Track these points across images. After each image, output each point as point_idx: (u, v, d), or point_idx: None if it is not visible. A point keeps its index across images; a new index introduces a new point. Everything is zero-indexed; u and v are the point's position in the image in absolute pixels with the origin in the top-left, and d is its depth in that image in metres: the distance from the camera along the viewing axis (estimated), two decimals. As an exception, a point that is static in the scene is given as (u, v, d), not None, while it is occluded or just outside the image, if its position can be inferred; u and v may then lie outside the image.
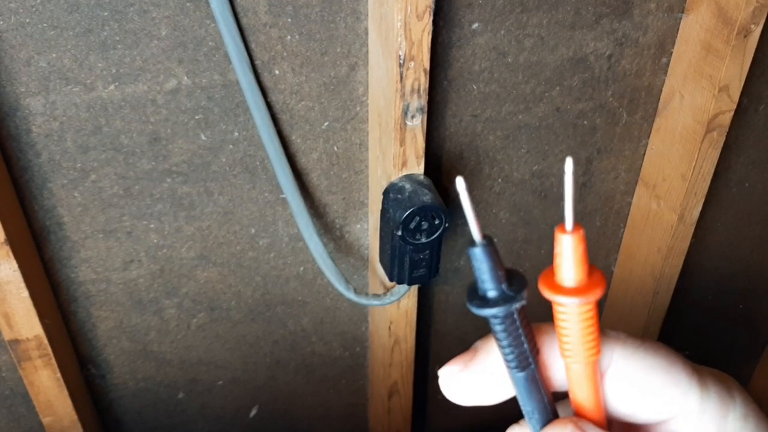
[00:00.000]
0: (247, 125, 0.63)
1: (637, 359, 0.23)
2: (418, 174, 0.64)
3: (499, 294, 0.21)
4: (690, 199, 0.76)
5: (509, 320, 0.21)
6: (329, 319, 0.81)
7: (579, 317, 0.21)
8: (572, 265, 0.20)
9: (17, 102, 0.57)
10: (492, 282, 0.20)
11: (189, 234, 0.69)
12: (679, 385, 0.23)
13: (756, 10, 0.63)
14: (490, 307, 0.20)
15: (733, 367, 1.14)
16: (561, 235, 0.20)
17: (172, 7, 0.56)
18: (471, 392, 0.23)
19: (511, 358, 0.22)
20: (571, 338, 0.22)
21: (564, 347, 0.22)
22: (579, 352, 0.22)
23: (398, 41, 0.55)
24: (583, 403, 0.23)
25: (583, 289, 0.21)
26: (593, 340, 0.22)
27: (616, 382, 0.23)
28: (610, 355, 0.23)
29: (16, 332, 0.63)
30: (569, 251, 0.20)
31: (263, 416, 0.88)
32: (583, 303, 0.21)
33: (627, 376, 0.23)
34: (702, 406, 0.23)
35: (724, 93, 0.68)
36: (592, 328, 0.21)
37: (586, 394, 0.22)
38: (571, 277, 0.21)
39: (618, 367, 0.23)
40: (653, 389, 0.23)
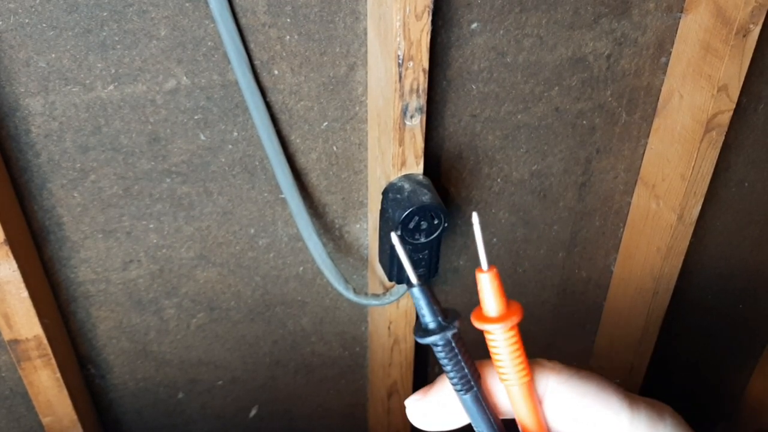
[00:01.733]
0: (247, 125, 0.63)
1: (571, 385, 0.26)
2: (417, 174, 0.64)
3: (437, 325, 0.25)
4: (689, 199, 0.76)
5: (448, 347, 0.25)
6: (329, 319, 0.81)
7: (505, 342, 0.25)
8: (492, 297, 0.25)
9: (16, 102, 0.57)
10: (430, 315, 0.25)
11: (188, 234, 0.69)
12: (610, 408, 0.26)
13: (755, 10, 0.63)
14: (430, 336, 0.25)
15: (732, 367, 1.14)
16: (479, 274, 0.25)
17: (171, 8, 0.56)
18: (430, 418, 0.27)
19: (456, 381, 0.26)
20: (503, 362, 0.26)
21: (499, 371, 0.26)
22: (512, 374, 0.26)
23: (397, 41, 0.55)
24: (526, 424, 0.26)
25: (504, 316, 0.25)
26: (522, 363, 0.26)
27: (553, 406, 0.26)
28: (546, 383, 0.26)
29: (15, 332, 0.63)
30: (487, 287, 0.25)
31: (263, 416, 0.88)
32: (505, 328, 0.25)
33: (562, 400, 0.26)
34: (632, 426, 0.25)
35: (723, 93, 0.68)
36: (518, 351, 0.26)
37: (527, 415, 0.26)
38: (492, 308, 0.25)
39: (554, 392, 0.26)
40: (586, 412, 0.26)
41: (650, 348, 0.94)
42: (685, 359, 1.09)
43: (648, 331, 0.91)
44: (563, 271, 0.88)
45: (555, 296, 0.90)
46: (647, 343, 0.93)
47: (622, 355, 0.95)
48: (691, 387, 1.15)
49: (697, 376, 1.13)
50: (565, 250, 0.86)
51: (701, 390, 1.16)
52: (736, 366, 1.14)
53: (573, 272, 0.89)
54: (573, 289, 0.91)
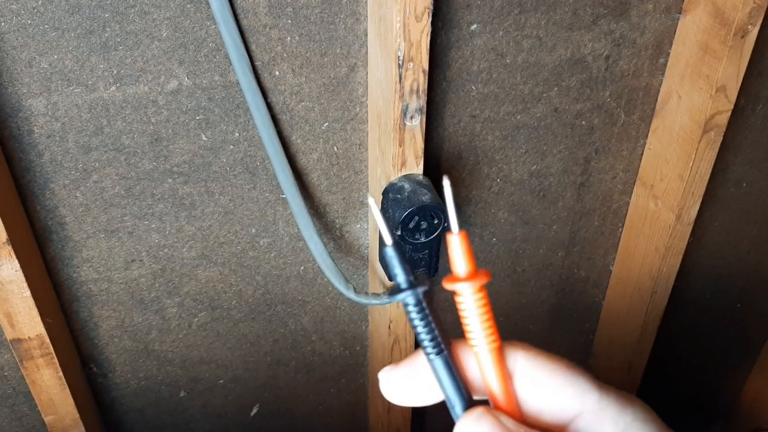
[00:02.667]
0: (248, 126, 0.64)
1: (540, 362, 0.26)
2: (417, 174, 0.64)
3: (408, 283, 0.26)
4: (687, 199, 0.77)
5: (419, 306, 0.26)
6: (329, 318, 0.81)
7: (474, 304, 0.26)
8: (461, 258, 0.26)
9: (19, 103, 0.57)
10: (402, 274, 0.26)
11: (190, 234, 0.69)
12: (578, 386, 0.26)
13: (753, 11, 0.64)
14: (402, 293, 0.26)
15: (730, 366, 1.15)
16: (449, 236, 0.26)
17: (173, 9, 0.56)
18: (403, 390, 0.27)
19: (426, 342, 0.26)
20: (472, 325, 0.26)
21: (468, 336, 0.26)
22: (481, 338, 0.26)
23: (397, 42, 0.56)
24: (495, 393, 0.26)
25: (472, 276, 0.26)
26: (491, 327, 0.26)
27: (522, 382, 0.26)
28: (515, 359, 0.26)
29: (18, 332, 0.63)
30: (457, 248, 0.26)
31: (264, 415, 0.88)
32: (474, 288, 0.26)
33: (532, 377, 0.26)
34: (600, 405, 0.26)
35: (722, 93, 0.69)
36: (487, 315, 0.26)
37: (497, 385, 0.26)
38: (462, 268, 0.26)
39: (523, 368, 0.26)
40: (555, 389, 0.26)
41: (648, 347, 0.95)
42: (683, 358, 1.10)
43: (646, 330, 0.92)
44: (562, 270, 0.88)
45: (554, 295, 0.91)
46: (645, 343, 0.94)
47: (621, 354, 0.96)
48: (689, 386, 1.15)
49: (694, 375, 1.14)
50: (564, 250, 0.86)
51: (699, 389, 1.16)
52: (733, 365, 1.14)
53: (572, 272, 0.89)
54: (572, 289, 0.91)
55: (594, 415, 0.26)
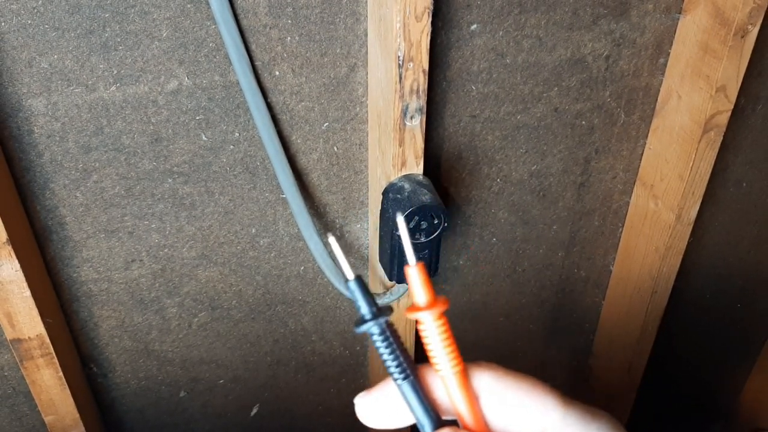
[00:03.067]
0: (248, 126, 0.64)
1: (505, 381, 0.27)
2: (418, 174, 0.64)
3: (371, 314, 0.27)
4: (687, 199, 0.77)
5: (383, 335, 0.27)
6: (329, 318, 0.81)
7: (436, 330, 0.27)
8: (420, 289, 0.27)
9: (19, 103, 0.57)
10: (366, 306, 0.27)
11: (190, 234, 0.69)
12: (542, 403, 0.27)
13: (753, 11, 0.64)
14: (366, 324, 0.27)
15: (730, 366, 1.15)
16: (407, 269, 0.27)
17: (173, 9, 0.56)
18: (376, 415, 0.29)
19: (393, 368, 0.27)
20: (435, 351, 0.27)
21: (432, 361, 0.28)
22: (444, 362, 0.27)
23: (397, 42, 0.56)
24: (463, 415, 0.27)
25: (431, 305, 0.27)
26: (453, 351, 0.27)
27: (489, 401, 0.27)
28: (480, 379, 0.27)
29: (18, 332, 0.63)
30: (416, 280, 0.27)
31: (264, 415, 0.88)
32: (434, 315, 0.27)
33: (497, 395, 0.27)
34: (565, 420, 0.27)
35: (722, 93, 0.69)
36: (448, 340, 0.27)
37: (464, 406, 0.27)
38: (421, 298, 0.27)
39: (489, 388, 0.27)
40: (520, 407, 0.27)
41: (648, 347, 0.95)
42: (683, 358, 1.10)
43: (646, 330, 0.92)
44: (562, 270, 0.88)
45: (554, 295, 0.91)
46: (645, 343, 0.94)
47: (621, 354, 0.96)
48: (689, 386, 1.15)
49: (694, 375, 1.14)
50: (564, 250, 0.86)
51: (699, 389, 1.17)
52: (733, 365, 1.14)
53: (572, 272, 0.89)
54: (572, 289, 0.91)
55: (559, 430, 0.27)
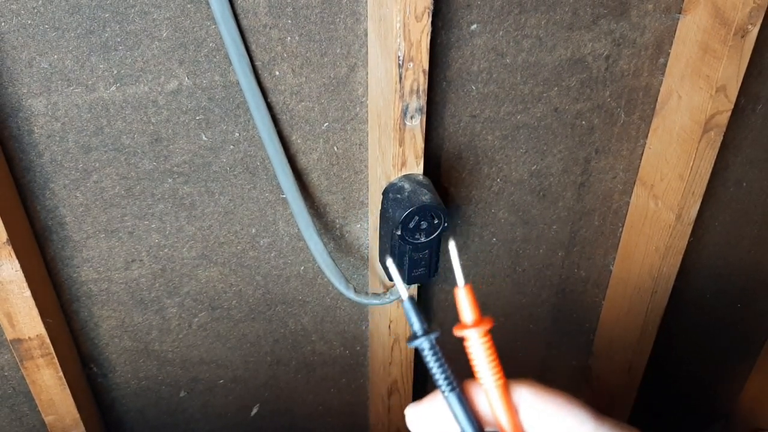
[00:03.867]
0: (248, 126, 0.64)
1: (542, 396, 0.30)
2: (418, 174, 0.64)
3: (423, 331, 0.30)
4: (687, 199, 0.77)
5: (433, 350, 0.30)
6: (329, 318, 0.81)
7: (481, 347, 0.30)
8: (468, 308, 0.30)
9: (19, 103, 0.57)
10: (418, 324, 0.30)
11: (190, 234, 0.69)
12: (576, 416, 0.29)
13: (753, 11, 0.64)
14: (418, 339, 0.30)
15: (730, 365, 1.15)
16: (457, 290, 0.30)
17: (173, 9, 0.56)
18: (425, 425, 0.31)
19: (441, 381, 0.30)
20: (480, 365, 0.30)
21: (477, 375, 0.30)
22: (488, 376, 0.30)
23: (397, 42, 0.56)
24: (503, 426, 0.30)
25: (478, 323, 0.30)
26: (496, 366, 0.30)
27: (527, 413, 0.30)
28: (520, 392, 0.30)
29: (18, 332, 0.63)
30: (464, 300, 0.30)
31: (264, 415, 0.88)
32: (480, 333, 0.29)
33: (535, 408, 0.30)
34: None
35: (722, 93, 0.69)
36: (492, 356, 0.30)
37: (504, 417, 0.30)
38: (469, 317, 0.30)
39: (527, 401, 0.30)
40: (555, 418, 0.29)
41: (649, 347, 0.95)
42: (683, 358, 1.10)
43: (646, 330, 0.92)
44: (562, 270, 0.88)
45: (554, 295, 0.91)
46: (646, 342, 0.94)
47: (621, 354, 0.96)
48: (689, 386, 1.15)
49: (694, 375, 1.14)
50: (564, 250, 0.86)
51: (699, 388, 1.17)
52: (733, 365, 1.14)
53: (572, 271, 0.89)
54: (572, 289, 0.91)
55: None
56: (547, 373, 1.01)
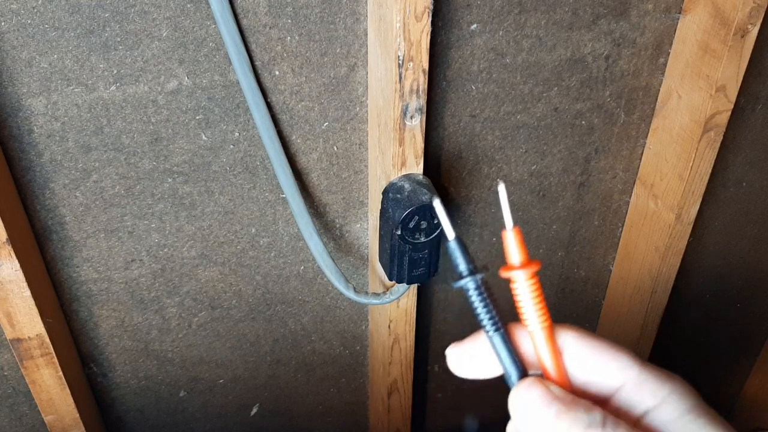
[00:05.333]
0: (248, 125, 0.64)
1: (586, 340, 0.30)
2: (417, 174, 0.64)
3: (469, 271, 0.30)
4: (687, 199, 0.77)
5: (479, 290, 0.30)
6: (329, 318, 0.81)
7: (528, 289, 0.29)
8: (516, 250, 0.30)
9: (19, 102, 0.57)
10: (464, 264, 0.30)
11: (190, 233, 0.69)
12: (620, 360, 0.29)
13: (753, 11, 0.64)
14: (463, 279, 0.30)
15: (730, 365, 1.15)
16: (505, 232, 0.30)
17: (173, 8, 0.56)
18: (466, 365, 0.31)
19: (486, 320, 0.30)
20: (526, 308, 0.30)
21: (523, 318, 0.30)
22: (534, 319, 0.29)
23: (397, 42, 0.56)
24: (547, 368, 0.30)
25: (525, 265, 0.29)
26: (542, 309, 0.30)
27: (571, 356, 0.30)
28: (565, 337, 0.30)
29: (18, 331, 0.63)
30: (512, 241, 0.30)
31: (264, 414, 0.88)
32: (527, 275, 0.29)
33: (579, 352, 0.30)
34: (640, 378, 0.28)
35: (722, 93, 0.69)
36: (539, 298, 0.29)
37: (548, 360, 0.29)
38: (516, 259, 0.30)
39: (572, 345, 0.30)
40: (600, 362, 0.29)
41: (648, 347, 0.95)
42: (682, 358, 1.10)
43: (646, 329, 0.92)
44: (562, 270, 0.88)
45: (554, 295, 0.91)
46: (645, 342, 0.94)
47: (621, 354, 0.96)
48: (690, 385, 1.15)
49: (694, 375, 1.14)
50: (564, 250, 0.86)
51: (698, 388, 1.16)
52: (733, 364, 1.14)
53: (572, 271, 0.89)
54: (572, 288, 0.91)
55: (635, 386, 0.28)
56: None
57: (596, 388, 0.29)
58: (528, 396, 0.28)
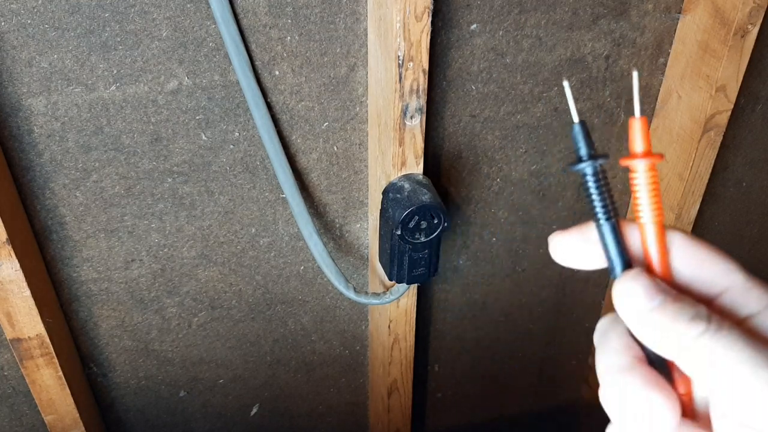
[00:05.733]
0: (248, 125, 0.64)
1: (696, 243, 0.29)
2: (417, 174, 0.64)
3: (588, 156, 0.29)
4: (687, 199, 0.77)
5: (596, 177, 0.29)
6: (329, 318, 0.81)
7: (646, 180, 0.29)
8: (640, 139, 0.29)
9: (19, 102, 0.57)
10: (585, 148, 0.29)
11: (190, 233, 0.69)
12: (727, 263, 0.29)
13: (753, 11, 0.64)
14: (582, 163, 0.29)
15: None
16: (631, 119, 0.29)
17: (173, 8, 0.56)
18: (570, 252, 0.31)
19: (599, 207, 0.29)
20: (642, 199, 0.29)
21: (637, 209, 0.29)
22: (648, 212, 0.29)
23: (397, 42, 0.56)
24: (654, 262, 0.29)
25: (647, 155, 0.29)
26: (658, 203, 0.29)
27: (679, 255, 0.29)
28: (674, 236, 0.29)
29: (18, 331, 0.63)
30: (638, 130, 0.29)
31: (264, 414, 0.88)
32: (648, 165, 0.29)
33: (687, 251, 0.29)
34: (747, 284, 0.28)
35: (721, 93, 0.69)
36: (656, 191, 0.29)
37: (656, 254, 0.29)
38: (639, 147, 0.29)
39: (680, 245, 0.29)
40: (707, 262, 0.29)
41: (649, 346, 0.95)
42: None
43: (646, 329, 0.92)
44: (562, 270, 0.88)
45: (554, 295, 0.91)
46: (646, 342, 0.94)
47: (621, 354, 0.96)
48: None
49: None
50: (564, 250, 0.86)
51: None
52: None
53: (572, 271, 0.89)
54: (572, 288, 0.91)
55: (740, 291, 0.28)
56: (546, 372, 1.01)
57: (700, 287, 0.29)
58: (634, 286, 0.28)
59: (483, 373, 0.95)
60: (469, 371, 0.94)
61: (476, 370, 0.95)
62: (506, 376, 0.97)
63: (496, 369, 0.96)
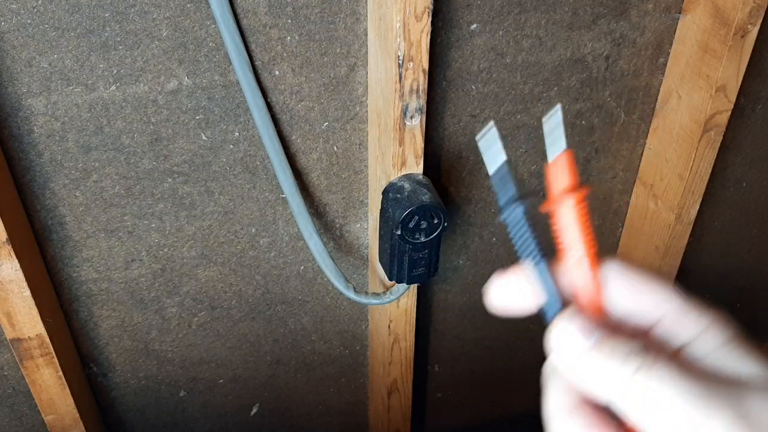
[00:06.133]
0: (248, 125, 0.64)
1: (630, 272, 0.29)
2: (417, 174, 0.64)
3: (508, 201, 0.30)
4: (687, 199, 0.77)
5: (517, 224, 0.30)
6: (329, 318, 0.81)
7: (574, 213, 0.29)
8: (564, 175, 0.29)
9: (19, 102, 0.57)
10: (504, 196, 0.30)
11: (190, 233, 0.69)
12: (662, 292, 0.29)
13: (753, 11, 0.64)
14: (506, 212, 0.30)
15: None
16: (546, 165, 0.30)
17: (173, 8, 0.56)
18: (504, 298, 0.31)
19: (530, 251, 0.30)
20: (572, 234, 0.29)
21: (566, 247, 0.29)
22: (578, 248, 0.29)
23: (397, 42, 0.56)
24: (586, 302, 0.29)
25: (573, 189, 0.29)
26: (588, 236, 0.29)
27: (615, 285, 0.29)
28: (609, 266, 0.30)
29: (18, 331, 0.63)
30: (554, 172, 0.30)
31: (264, 414, 0.88)
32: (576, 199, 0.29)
33: (624, 281, 0.29)
34: (682, 308, 0.28)
35: (721, 93, 0.69)
36: (586, 224, 0.29)
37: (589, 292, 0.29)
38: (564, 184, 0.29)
39: (617, 275, 0.29)
40: (642, 291, 0.29)
41: (649, 346, 0.95)
42: (683, 358, 1.09)
43: (646, 329, 0.92)
44: (562, 270, 0.88)
45: (554, 295, 0.91)
46: (646, 342, 0.94)
47: (621, 354, 0.96)
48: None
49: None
50: (564, 250, 0.86)
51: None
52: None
53: (572, 271, 0.89)
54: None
55: (675, 318, 0.28)
56: (546, 372, 1.01)
57: (636, 319, 0.29)
58: (569, 327, 0.28)
59: (483, 373, 0.95)
60: (469, 371, 0.94)
61: (476, 370, 0.95)
62: (506, 376, 0.97)
63: (496, 369, 0.96)
